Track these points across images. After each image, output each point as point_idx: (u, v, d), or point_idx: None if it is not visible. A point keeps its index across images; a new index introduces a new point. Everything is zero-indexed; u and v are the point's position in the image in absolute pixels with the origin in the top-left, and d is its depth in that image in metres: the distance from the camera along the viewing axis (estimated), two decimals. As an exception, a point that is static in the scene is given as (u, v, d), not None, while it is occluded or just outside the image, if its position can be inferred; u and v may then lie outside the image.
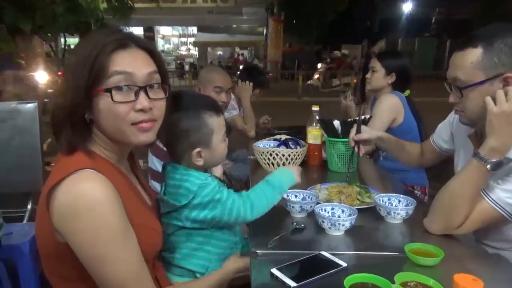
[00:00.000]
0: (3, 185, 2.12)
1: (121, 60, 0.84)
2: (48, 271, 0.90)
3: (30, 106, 2.26)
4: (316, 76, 14.24)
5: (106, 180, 0.81)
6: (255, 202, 1.09)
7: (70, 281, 0.87)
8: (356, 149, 1.63)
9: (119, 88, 0.83)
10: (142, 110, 0.86)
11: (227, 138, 1.16)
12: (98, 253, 0.79)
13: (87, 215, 0.76)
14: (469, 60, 1.12)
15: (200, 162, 1.10)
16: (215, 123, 1.10)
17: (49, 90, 6.01)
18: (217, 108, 1.13)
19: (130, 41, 0.87)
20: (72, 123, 0.85)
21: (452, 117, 1.51)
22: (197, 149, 1.08)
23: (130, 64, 0.85)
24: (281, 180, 1.16)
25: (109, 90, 0.82)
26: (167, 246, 1.12)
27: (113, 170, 0.90)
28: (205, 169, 1.17)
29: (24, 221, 2.19)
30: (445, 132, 1.56)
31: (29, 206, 2.27)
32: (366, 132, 1.62)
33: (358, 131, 1.61)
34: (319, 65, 15.65)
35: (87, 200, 0.76)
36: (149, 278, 0.89)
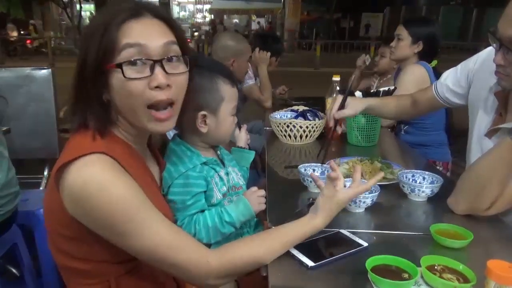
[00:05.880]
0: (19, 151, 2.13)
1: (133, 31, 0.76)
2: (56, 249, 0.85)
3: (44, 72, 2.23)
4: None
5: (115, 163, 0.77)
6: (202, 234, 1.00)
7: (83, 261, 0.82)
8: (332, 129, 1.36)
9: (131, 63, 0.75)
10: (158, 87, 0.77)
11: (236, 117, 1.10)
12: (120, 230, 0.75)
13: (100, 195, 0.73)
14: None
15: (204, 128, 1.04)
16: (228, 92, 1.05)
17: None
18: (233, 79, 1.07)
19: (143, 9, 0.79)
20: (90, 104, 0.79)
21: (474, 62, 1.29)
22: (203, 112, 1.02)
23: (142, 34, 0.76)
24: (239, 219, 1.03)
25: (120, 66, 0.74)
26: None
27: (128, 153, 0.85)
28: (210, 145, 1.11)
29: (41, 187, 2.22)
30: (458, 83, 1.36)
31: (45, 173, 2.30)
32: (351, 108, 1.38)
33: (342, 106, 1.37)
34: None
35: (97, 182, 0.73)
36: (188, 238, 0.82)
